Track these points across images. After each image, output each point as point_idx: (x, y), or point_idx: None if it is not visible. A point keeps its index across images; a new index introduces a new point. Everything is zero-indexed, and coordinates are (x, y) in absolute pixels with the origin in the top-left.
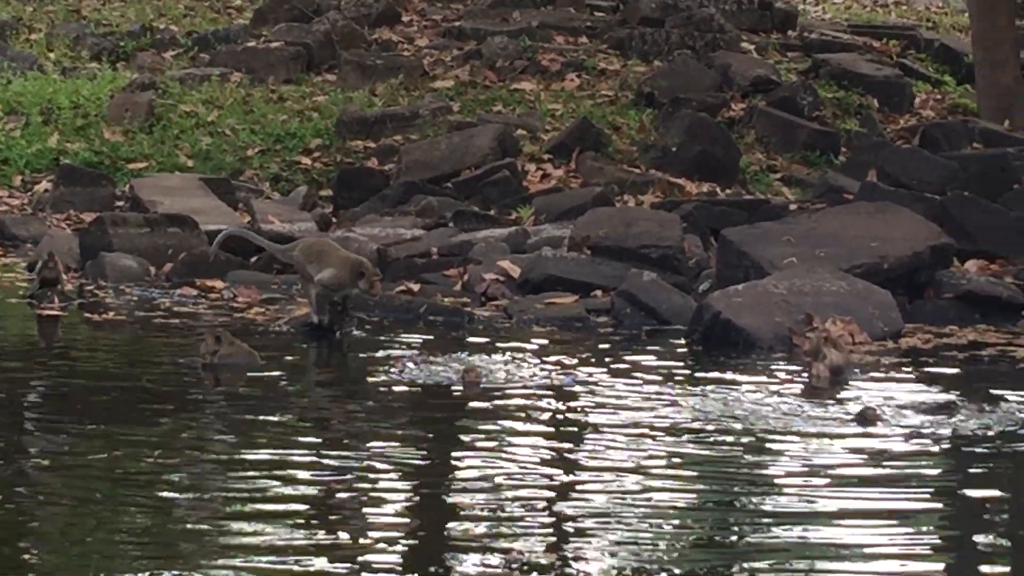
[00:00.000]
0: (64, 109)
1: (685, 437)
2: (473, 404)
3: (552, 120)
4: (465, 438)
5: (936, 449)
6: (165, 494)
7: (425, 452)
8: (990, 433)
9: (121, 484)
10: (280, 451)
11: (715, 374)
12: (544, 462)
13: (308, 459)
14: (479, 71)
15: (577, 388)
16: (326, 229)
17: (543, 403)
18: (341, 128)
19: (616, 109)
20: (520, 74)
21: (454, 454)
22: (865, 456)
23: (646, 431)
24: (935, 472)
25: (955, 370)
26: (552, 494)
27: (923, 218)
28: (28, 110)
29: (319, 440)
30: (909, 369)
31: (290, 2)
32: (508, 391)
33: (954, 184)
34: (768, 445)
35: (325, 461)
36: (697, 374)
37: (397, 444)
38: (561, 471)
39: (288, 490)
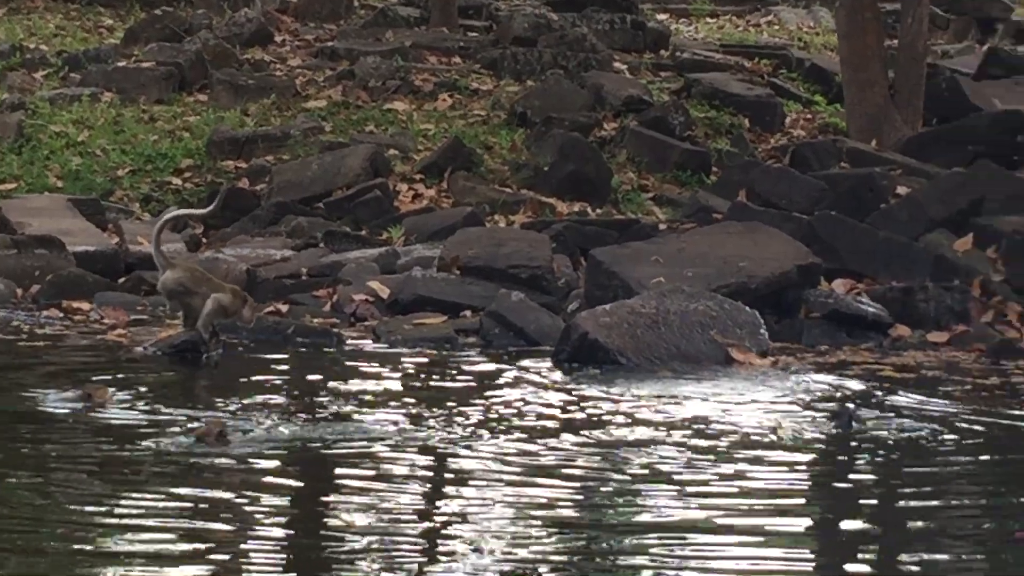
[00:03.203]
0: None
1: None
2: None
3: (424, 140)
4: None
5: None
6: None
7: (297, 504)
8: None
9: None
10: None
11: (580, 394)
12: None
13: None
14: (352, 91)
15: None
16: (196, 250)
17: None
18: (212, 148)
19: (488, 129)
20: (393, 94)
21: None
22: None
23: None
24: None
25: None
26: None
27: (791, 238)
28: None
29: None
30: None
31: (162, 22)
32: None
33: (822, 204)
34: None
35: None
36: (561, 394)
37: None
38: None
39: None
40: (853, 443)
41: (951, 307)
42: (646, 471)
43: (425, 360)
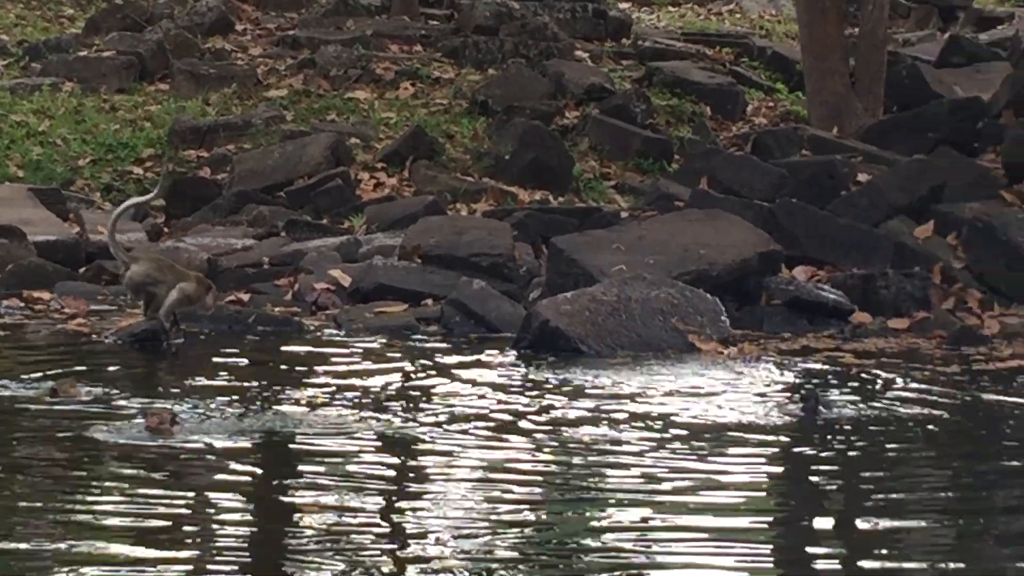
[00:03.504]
0: None
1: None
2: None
3: (386, 129)
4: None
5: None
6: None
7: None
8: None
9: None
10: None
11: (541, 382)
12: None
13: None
14: (313, 80)
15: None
16: (157, 239)
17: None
18: (174, 137)
19: (450, 117)
20: (354, 83)
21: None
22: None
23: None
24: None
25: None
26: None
27: (752, 225)
28: None
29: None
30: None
31: (122, 11)
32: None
33: (783, 191)
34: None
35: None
36: (522, 383)
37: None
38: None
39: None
40: (816, 431)
41: (912, 294)
42: (609, 461)
43: (386, 348)
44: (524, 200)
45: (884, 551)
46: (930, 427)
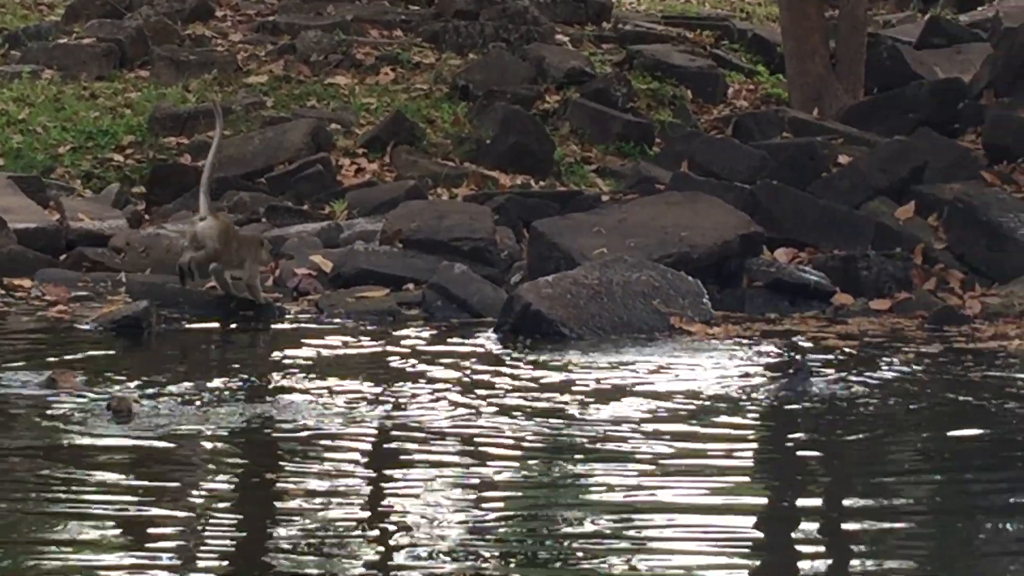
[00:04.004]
0: None
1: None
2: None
3: (366, 114)
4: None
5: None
6: None
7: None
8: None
9: None
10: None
11: (523, 366)
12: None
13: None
14: (293, 66)
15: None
16: (138, 226)
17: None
18: (154, 124)
19: (431, 102)
20: (334, 68)
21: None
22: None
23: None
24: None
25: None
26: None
27: (733, 207)
28: None
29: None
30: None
31: None
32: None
33: (764, 173)
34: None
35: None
36: (504, 367)
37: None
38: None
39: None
40: (800, 412)
41: (893, 275)
42: (592, 444)
43: (368, 333)
44: (505, 184)
45: (869, 546)
46: (912, 408)
